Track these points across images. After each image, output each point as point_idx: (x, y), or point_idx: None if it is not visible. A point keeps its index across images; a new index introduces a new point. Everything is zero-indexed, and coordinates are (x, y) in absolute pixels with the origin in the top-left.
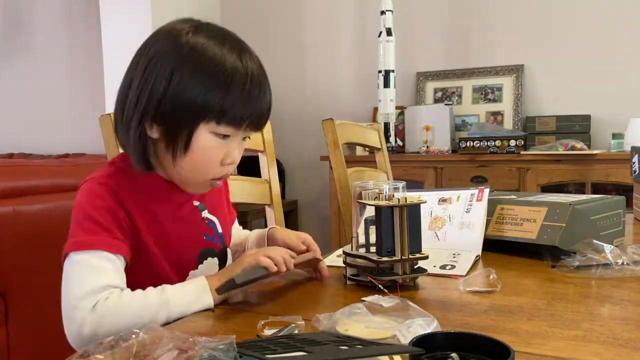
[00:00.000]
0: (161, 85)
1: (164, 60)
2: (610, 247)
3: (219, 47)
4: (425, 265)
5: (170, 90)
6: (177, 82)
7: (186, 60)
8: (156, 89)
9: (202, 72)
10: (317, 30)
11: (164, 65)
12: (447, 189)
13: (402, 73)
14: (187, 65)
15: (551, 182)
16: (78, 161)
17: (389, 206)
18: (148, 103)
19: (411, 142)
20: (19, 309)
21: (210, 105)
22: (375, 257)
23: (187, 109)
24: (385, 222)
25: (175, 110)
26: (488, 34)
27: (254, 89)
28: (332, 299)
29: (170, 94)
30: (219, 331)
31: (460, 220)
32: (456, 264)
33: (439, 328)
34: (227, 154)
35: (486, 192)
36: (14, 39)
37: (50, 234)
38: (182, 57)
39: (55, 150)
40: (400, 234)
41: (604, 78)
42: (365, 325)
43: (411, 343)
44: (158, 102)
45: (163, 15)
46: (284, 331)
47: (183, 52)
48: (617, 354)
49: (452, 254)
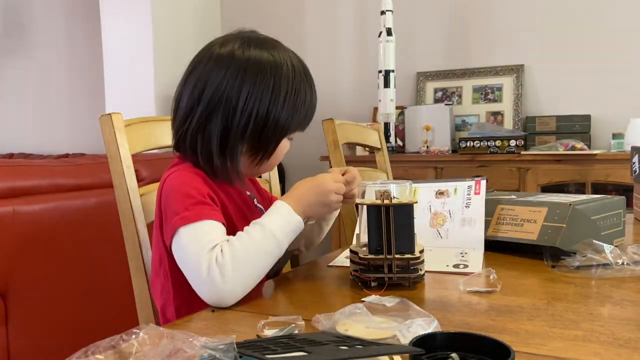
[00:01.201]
0: (257, 111)
1: (258, 92)
2: (610, 247)
3: (298, 76)
4: (435, 265)
5: (268, 117)
6: (271, 109)
7: (277, 91)
8: (254, 114)
9: (290, 101)
10: (317, 30)
11: (258, 96)
12: (442, 180)
13: (402, 73)
14: (279, 95)
15: (551, 182)
16: (78, 161)
17: (375, 205)
18: (246, 126)
19: (411, 142)
20: (19, 309)
21: (295, 123)
22: (363, 254)
23: (278, 128)
24: (372, 221)
25: (267, 129)
26: (488, 34)
27: (315, 104)
28: (332, 299)
29: (268, 119)
30: (219, 331)
31: (461, 217)
32: (468, 263)
33: (439, 328)
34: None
35: (483, 183)
36: (14, 38)
37: (50, 234)
38: (274, 90)
39: (55, 150)
40: (386, 233)
41: (604, 78)
42: (365, 325)
43: (411, 343)
44: (255, 126)
45: (163, 15)
46: (284, 331)
47: (273, 85)
48: (617, 354)
49: (460, 252)
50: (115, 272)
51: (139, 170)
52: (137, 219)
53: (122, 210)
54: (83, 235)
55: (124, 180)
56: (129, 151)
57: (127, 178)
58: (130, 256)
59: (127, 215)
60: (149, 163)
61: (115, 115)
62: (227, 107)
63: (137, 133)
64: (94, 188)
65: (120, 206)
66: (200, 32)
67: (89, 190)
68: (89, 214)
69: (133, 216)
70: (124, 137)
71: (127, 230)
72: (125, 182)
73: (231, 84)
